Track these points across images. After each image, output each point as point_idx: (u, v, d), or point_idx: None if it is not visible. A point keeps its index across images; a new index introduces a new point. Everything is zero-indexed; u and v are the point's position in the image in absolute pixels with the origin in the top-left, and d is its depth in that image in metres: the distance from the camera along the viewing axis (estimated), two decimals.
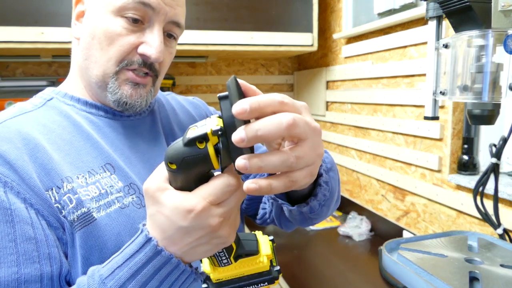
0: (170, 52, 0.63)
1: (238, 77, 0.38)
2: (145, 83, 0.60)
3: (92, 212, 0.51)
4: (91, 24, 0.57)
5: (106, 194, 0.54)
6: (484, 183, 0.89)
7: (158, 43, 0.57)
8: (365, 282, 1.16)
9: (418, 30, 1.26)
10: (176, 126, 0.71)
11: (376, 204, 1.56)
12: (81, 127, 0.58)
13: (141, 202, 0.57)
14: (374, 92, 1.50)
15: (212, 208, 0.38)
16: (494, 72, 0.60)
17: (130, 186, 0.57)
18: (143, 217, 0.55)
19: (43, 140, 0.54)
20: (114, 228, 0.52)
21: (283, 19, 1.70)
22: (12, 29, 1.39)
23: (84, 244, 0.50)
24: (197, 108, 0.79)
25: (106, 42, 0.56)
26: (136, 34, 0.57)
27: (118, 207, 0.54)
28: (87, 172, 0.54)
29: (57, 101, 0.61)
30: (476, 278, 0.71)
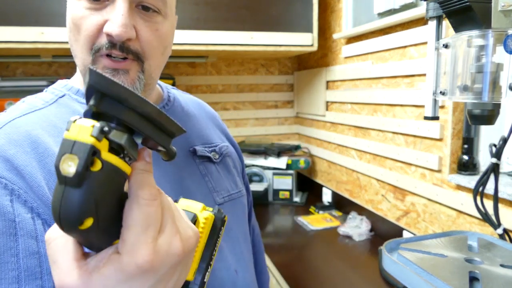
0: (154, 29, 0.53)
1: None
2: (126, 67, 0.52)
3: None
4: (67, 15, 0.53)
5: None
6: (484, 183, 0.89)
7: (119, 18, 0.48)
8: (365, 282, 1.16)
9: (418, 30, 1.26)
10: (197, 130, 0.68)
11: (376, 204, 1.56)
12: None
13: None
14: (374, 92, 1.50)
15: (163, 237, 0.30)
16: (494, 72, 0.60)
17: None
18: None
19: (53, 143, 0.50)
20: None
21: (283, 19, 1.70)
22: (12, 29, 1.39)
23: None
24: (217, 124, 0.75)
25: (75, 30, 0.51)
26: (100, 13, 0.50)
27: None
28: None
29: (69, 99, 0.57)
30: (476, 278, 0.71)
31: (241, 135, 2.17)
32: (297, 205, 1.90)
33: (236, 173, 0.72)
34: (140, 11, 0.52)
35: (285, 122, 2.28)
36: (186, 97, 0.74)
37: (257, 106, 2.20)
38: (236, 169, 0.72)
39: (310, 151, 2.10)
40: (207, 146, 0.67)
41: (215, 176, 0.65)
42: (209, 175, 0.64)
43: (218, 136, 0.72)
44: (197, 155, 0.64)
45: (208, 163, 0.65)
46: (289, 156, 1.94)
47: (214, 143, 0.69)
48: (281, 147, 1.99)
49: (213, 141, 0.69)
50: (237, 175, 0.72)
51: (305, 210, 1.83)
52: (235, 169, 0.72)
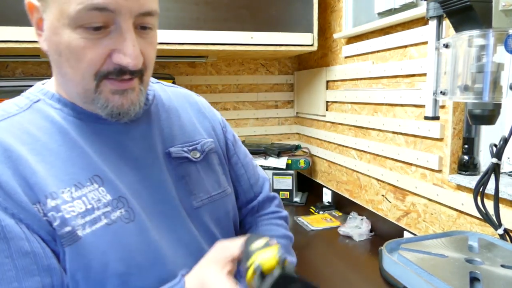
0: (150, 43, 0.55)
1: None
2: (132, 86, 0.54)
3: (76, 231, 0.49)
4: (53, 40, 0.50)
5: (92, 209, 0.51)
6: (485, 183, 0.89)
7: (131, 49, 0.50)
8: (365, 282, 1.16)
9: (418, 30, 1.26)
10: (178, 128, 0.67)
11: (377, 204, 1.56)
12: (68, 134, 0.54)
13: (130, 216, 0.53)
14: (374, 92, 1.50)
15: None
16: (495, 72, 0.60)
17: (118, 200, 0.53)
18: (130, 232, 0.52)
19: (26, 151, 0.50)
20: (100, 247, 0.50)
21: (283, 19, 1.70)
22: (11, 29, 1.39)
23: (70, 262, 0.49)
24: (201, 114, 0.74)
25: (73, 59, 0.50)
26: (104, 42, 0.50)
27: (104, 223, 0.51)
28: (73, 185, 0.51)
29: (43, 104, 0.56)
30: (477, 279, 0.71)
31: (241, 135, 2.17)
32: (297, 205, 1.89)
33: (222, 170, 0.69)
34: (139, 31, 0.53)
35: (285, 122, 2.28)
36: (171, 90, 0.72)
37: (257, 106, 2.20)
38: (221, 166, 0.70)
39: (310, 151, 2.10)
40: (187, 144, 0.65)
41: (195, 177, 0.63)
42: (186, 177, 0.62)
43: (204, 130, 0.69)
44: (172, 157, 0.62)
45: (186, 164, 0.63)
46: (289, 156, 1.93)
47: (197, 140, 0.66)
48: (281, 147, 1.99)
49: (195, 138, 0.67)
50: (223, 172, 0.69)
51: (305, 210, 1.83)
52: (221, 165, 0.70)
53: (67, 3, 0.47)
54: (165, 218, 0.57)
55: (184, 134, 0.66)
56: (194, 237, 0.60)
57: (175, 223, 0.58)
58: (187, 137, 0.66)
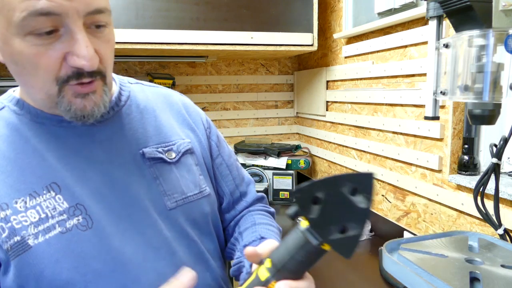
0: (106, 41, 0.53)
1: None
2: (94, 89, 0.53)
3: (27, 240, 0.49)
4: (5, 50, 0.49)
5: (47, 218, 0.51)
6: (485, 183, 0.89)
7: (84, 50, 0.48)
8: (365, 282, 1.16)
9: (418, 30, 1.26)
10: (153, 129, 0.65)
11: (377, 204, 1.56)
12: (29, 141, 0.54)
13: (87, 223, 0.53)
14: (374, 92, 1.50)
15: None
16: (495, 72, 0.60)
17: (76, 207, 0.53)
18: (87, 239, 0.52)
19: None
20: (53, 255, 0.50)
21: (283, 19, 1.70)
22: None
23: (19, 273, 0.49)
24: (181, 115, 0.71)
25: (30, 66, 0.49)
26: (56, 46, 0.48)
27: (58, 232, 0.51)
28: (28, 195, 0.51)
29: (7, 111, 0.57)
30: (477, 279, 0.71)
31: (241, 135, 2.17)
32: None
33: (200, 171, 0.68)
34: (93, 30, 0.51)
35: (285, 122, 2.28)
36: (150, 90, 0.71)
37: (257, 106, 2.20)
38: (200, 166, 0.68)
39: (310, 151, 2.10)
40: (163, 145, 0.64)
41: (169, 178, 0.62)
42: (160, 178, 0.61)
43: (182, 131, 0.68)
44: (146, 158, 0.61)
45: (160, 164, 0.62)
46: (289, 156, 1.93)
47: (172, 141, 0.65)
48: (281, 147, 1.98)
49: (171, 139, 0.66)
50: (201, 173, 0.68)
51: None
52: (199, 166, 0.68)
53: (11, 11, 0.45)
54: (132, 221, 0.56)
55: (159, 135, 0.65)
56: (164, 239, 0.59)
57: (143, 226, 0.57)
58: (163, 138, 0.65)
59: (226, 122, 2.14)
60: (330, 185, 0.40)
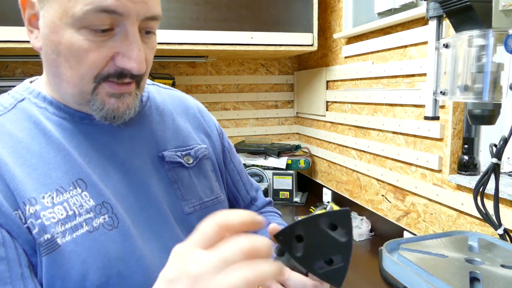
0: (151, 48, 0.54)
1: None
2: (130, 91, 0.53)
3: (56, 238, 0.47)
4: (51, 38, 0.48)
5: (74, 216, 0.49)
6: (485, 183, 0.89)
7: (136, 54, 0.49)
8: (365, 282, 1.16)
9: (418, 30, 1.26)
10: (171, 132, 0.65)
11: (376, 204, 1.56)
12: (52, 136, 0.52)
13: (113, 222, 0.51)
14: (374, 92, 1.50)
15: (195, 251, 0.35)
16: (495, 72, 0.60)
17: (102, 205, 0.51)
18: (113, 239, 0.51)
19: (6, 154, 0.49)
20: (80, 256, 0.48)
21: (283, 19, 1.70)
22: (11, 29, 1.39)
23: (47, 271, 0.47)
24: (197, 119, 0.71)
25: (74, 60, 0.48)
26: (108, 44, 0.48)
27: (86, 230, 0.49)
28: (55, 190, 0.49)
29: (28, 103, 0.55)
30: (477, 279, 0.71)
31: (241, 135, 2.17)
32: (297, 205, 1.89)
33: (215, 177, 0.68)
34: (143, 35, 0.52)
35: (285, 122, 2.28)
36: (166, 93, 0.71)
37: (257, 106, 2.20)
38: (215, 172, 0.68)
39: (310, 151, 2.10)
40: (181, 149, 0.63)
41: (187, 183, 0.61)
42: (179, 182, 0.61)
43: (198, 136, 0.68)
44: (166, 161, 0.60)
45: (179, 168, 0.61)
46: (289, 156, 1.93)
47: (190, 145, 0.65)
48: (281, 147, 1.99)
49: (189, 143, 0.65)
50: (216, 179, 0.68)
51: (305, 210, 1.83)
52: (214, 172, 0.68)
53: (73, 1, 0.45)
54: (151, 224, 0.55)
55: (177, 139, 0.64)
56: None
57: (161, 229, 0.56)
58: (181, 142, 0.64)
59: (226, 122, 2.14)
60: (310, 224, 0.42)
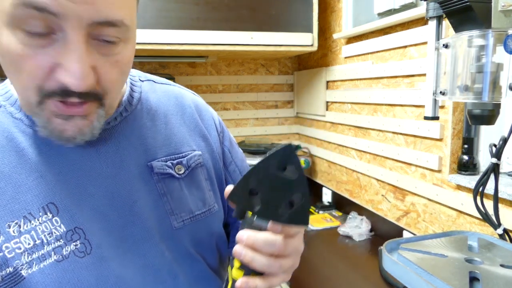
0: (114, 62, 0.44)
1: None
2: (84, 113, 0.44)
3: (20, 270, 0.44)
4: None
5: (42, 244, 0.46)
6: (484, 183, 0.89)
7: (75, 66, 0.40)
8: (365, 282, 1.16)
9: (418, 30, 1.26)
10: (163, 138, 0.58)
11: (376, 204, 1.56)
12: (25, 154, 0.47)
13: (86, 249, 0.48)
14: (374, 92, 1.50)
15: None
16: (494, 72, 0.60)
17: (74, 231, 0.48)
18: (86, 267, 0.47)
19: None
20: (47, 286, 0.45)
21: (283, 19, 1.70)
22: None
23: None
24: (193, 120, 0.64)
25: (12, 66, 0.41)
26: (46, 52, 0.40)
27: (54, 260, 0.46)
28: (23, 217, 0.46)
29: (3, 113, 0.49)
30: (476, 278, 0.71)
31: (241, 135, 2.18)
32: None
33: (209, 185, 0.62)
34: (98, 44, 0.42)
35: (285, 122, 2.28)
36: (162, 89, 0.63)
37: (257, 106, 2.20)
38: (210, 181, 0.62)
39: (310, 151, 2.10)
40: (172, 157, 0.58)
41: (177, 195, 0.57)
42: (168, 195, 0.56)
43: (193, 140, 0.62)
44: (155, 172, 0.55)
45: (169, 180, 0.56)
46: None
47: (183, 152, 0.59)
48: None
49: (182, 150, 0.59)
50: (210, 188, 0.62)
51: None
52: (209, 180, 0.62)
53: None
54: (134, 241, 0.52)
55: (169, 145, 0.58)
56: (166, 261, 0.55)
57: (144, 247, 0.53)
58: (173, 149, 0.58)
59: (226, 122, 2.14)
60: (258, 172, 0.41)
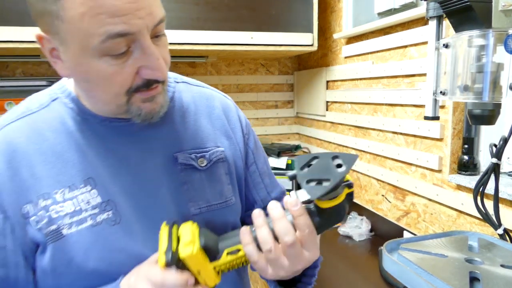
0: (164, 46, 0.57)
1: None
2: (159, 91, 0.56)
3: (61, 229, 0.54)
4: (78, 70, 0.52)
5: (80, 211, 0.55)
6: (485, 183, 0.89)
7: (156, 64, 0.52)
8: (365, 282, 1.16)
9: (418, 30, 1.26)
10: (190, 133, 0.66)
11: (376, 204, 1.56)
12: (74, 136, 0.58)
13: (116, 219, 0.57)
14: (374, 92, 1.50)
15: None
16: (495, 72, 0.60)
17: (107, 203, 0.57)
18: (115, 234, 0.56)
19: (32, 151, 0.56)
20: (82, 245, 0.54)
21: (283, 19, 1.70)
22: (12, 29, 1.39)
23: (53, 257, 0.54)
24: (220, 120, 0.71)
25: (104, 84, 0.52)
26: (129, 63, 0.51)
27: (89, 225, 0.55)
28: (68, 187, 0.56)
29: (59, 103, 0.60)
30: (477, 278, 0.71)
31: None
32: None
33: (229, 179, 0.68)
34: (154, 40, 0.53)
35: (285, 122, 2.28)
36: (195, 91, 0.71)
37: (257, 106, 2.20)
38: (229, 175, 0.69)
39: (310, 151, 2.10)
40: (196, 151, 0.65)
41: (197, 185, 0.64)
42: (189, 184, 0.63)
43: (217, 138, 0.68)
44: (179, 162, 0.63)
45: (191, 170, 0.64)
46: (289, 156, 1.93)
47: (207, 147, 0.66)
48: (281, 147, 1.99)
49: (206, 145, 0.66)
50: (229, 182, 0.68)
51: None
52: (229, 175, 0.68)
53: (90, 37, 0.48)
54: (155, 222, 0.58)
55: (195, 140, 0.66)
56: None
57: None
58: (198, 144, 0.66)
59: None
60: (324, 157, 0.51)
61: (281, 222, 0.50)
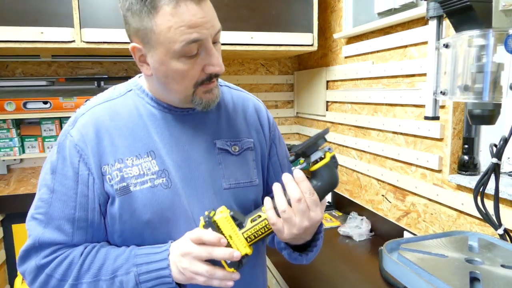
0: (220, 50, 0.74)
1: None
2: (216, 84, 0.74)
3: (129, 186, 0.72)
4: (161, 69, 0.69)
5: (143, 175, 0.73)
6: (485, 183, 0.89)
7: (217, 61, 0.69)
8: (365, 282, 1.16)
9: (418, 30, 1.26)
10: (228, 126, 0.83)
11: (377, 204, 1.56)
12: (143, 118, 0.76)
13: (168, 184, 0.74)
14: (374, 92, 1.50)
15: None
16: (495, 72, 0.60)
17: (163, 171, 0.74)
18: (166, 195, 0.74)
19: (112, 127, 0.74)
20: (142, 201, 0.72)
21: (283, 19, 1.70)
22: (11, 29, 1.39)
23: (120, 207, 0.72)
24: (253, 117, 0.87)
25: (179, 78, 0.70)
26: (198, 62, 0.69)
27: (149, 186, 0.73)
28: (135, 156, 0.74)
29: (133, 93, 0.79)
30: (477, 279, 0.71)
31: None
32: None
33: (255, 165, 0.85)
34: (214, 46, 0.70)
35: (285, 122, 2.28)
36: (234, 94, 0.89)
37: None
38: (256, 162, 0.85)
39: None
40: (231, 140, 0.82)
41: (230, 165, 0.80)
42: (223, 163, 0.80)
43: (249, 131, 0.86)
44: (217, 147, 0.80)
45: (226, 154, 0.81)
46: (289, 155, 1.93)
47: (240, 138, 0.83)
48: None
49: (239, 136, 0.84)
50: (255, 167, 0.85)
51: None
52: (255, 162, 0.85)
53: (173, 43, 0.65)
54: (197, 190, 0.77)
55: (231, 131, 0.83)
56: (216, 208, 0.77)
57: (203, 196, 0.77)
58: (233, 134, 0.83)
59: None
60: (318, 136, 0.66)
61: (291, 184, 0.66)
